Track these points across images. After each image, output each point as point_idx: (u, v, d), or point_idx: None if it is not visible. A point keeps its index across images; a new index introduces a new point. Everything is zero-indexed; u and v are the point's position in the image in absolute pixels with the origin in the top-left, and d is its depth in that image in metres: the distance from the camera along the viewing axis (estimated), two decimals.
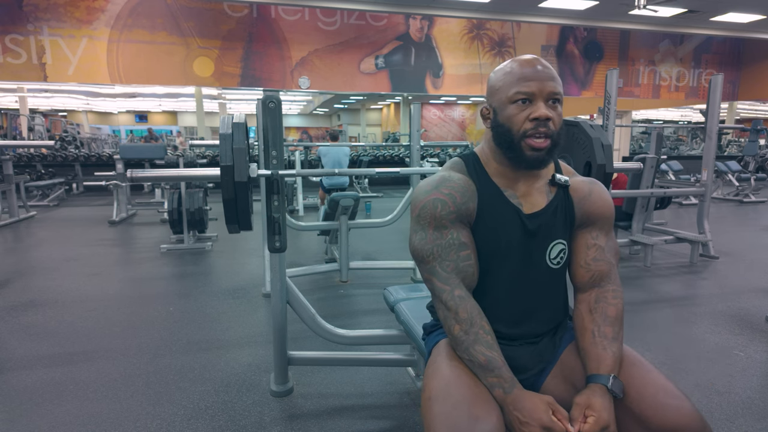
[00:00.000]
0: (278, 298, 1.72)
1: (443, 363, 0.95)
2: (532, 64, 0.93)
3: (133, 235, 5.01)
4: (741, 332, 2.40)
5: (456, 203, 0.95)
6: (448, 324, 0.94)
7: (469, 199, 0.96)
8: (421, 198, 0.96)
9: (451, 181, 0.97)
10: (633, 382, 0.89)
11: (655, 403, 0.86)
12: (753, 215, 6.31)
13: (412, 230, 0.99)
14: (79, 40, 7.12)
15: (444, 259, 0.95)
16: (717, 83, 3.79)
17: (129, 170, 1.64)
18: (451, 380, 0.90)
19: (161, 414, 1.68)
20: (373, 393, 1.83)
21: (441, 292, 0.94)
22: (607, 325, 0.95)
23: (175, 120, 22.40)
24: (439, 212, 0.94)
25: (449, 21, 8.57)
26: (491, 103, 0.97)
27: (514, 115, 0.92)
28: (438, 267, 0.95)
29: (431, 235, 0.95)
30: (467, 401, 0.85)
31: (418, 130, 3.18)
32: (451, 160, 1.05)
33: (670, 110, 17.47)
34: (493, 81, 0.97)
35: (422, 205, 0.96)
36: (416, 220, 0.98)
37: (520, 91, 0.91)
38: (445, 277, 0.94)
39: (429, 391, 0.91)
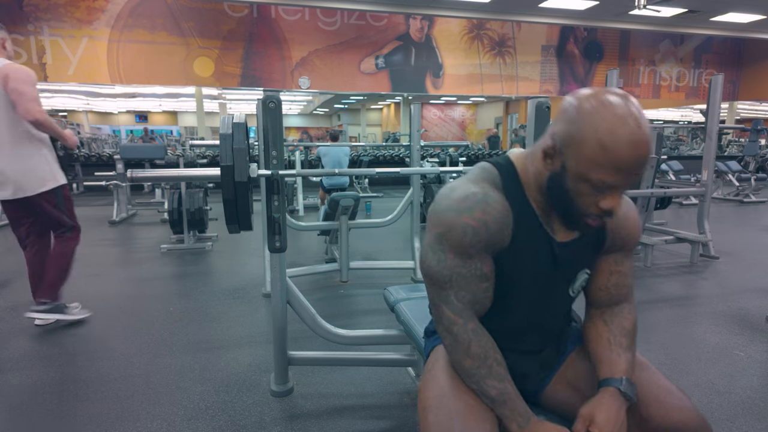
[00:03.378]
0: (278, 298, 1.72)
1: (440, 372, 0.93)
2: (636, 147, 0.71)
3: (133, 235, 5.01)
4: (741, 332, 2.40)
5: (488, 232, 0.82)
6: (456, 356, 0.87)
7: (504, 229, 0.84)
8: (449, 217, 0.82)
9: (488, 205, 0.82)
10: (638, 382, 0.89)
11: (657, 403, 0.87)
12: (753, 215, 6.31)
13: (429, 246, 0.87)
14: (79, 40, 7.12)
15: (461, 289, 0.85)
16: (717, 83, 3.79)
17: (129, 170, 1.64)
18: (446, 390, 0.88)
19: (161, 414, 1.68)
20: (373, 393, 1.83)
21: (452, 324, 0.86)
22: (623, 336, 0.94)
23: (175, 120, 22.42)
24: (468, 240, 0.82)
25: (449, 21, 8.57)
26: (563, 152, 0.76)
27: (584, 196, 0.77)
28: (453, 296, 0.86)
29: (452, 260, 0.84)
30: (461, 413, 0.84)
31: (418, 130, 3.18)
32: (483, 168, 0.89)
33: (670, 110, 17.47)
34: (578, 135, 0.74)
35: (449, 226, 0.82)
36: (438, 239, 0.85)
37: (607, 181, 0.74)
38: (459, 308, 0.86)
39: (425, 400, 0.90)
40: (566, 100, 0.78)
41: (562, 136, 0.76)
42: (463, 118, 19.07)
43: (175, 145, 11.83)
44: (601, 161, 0.72)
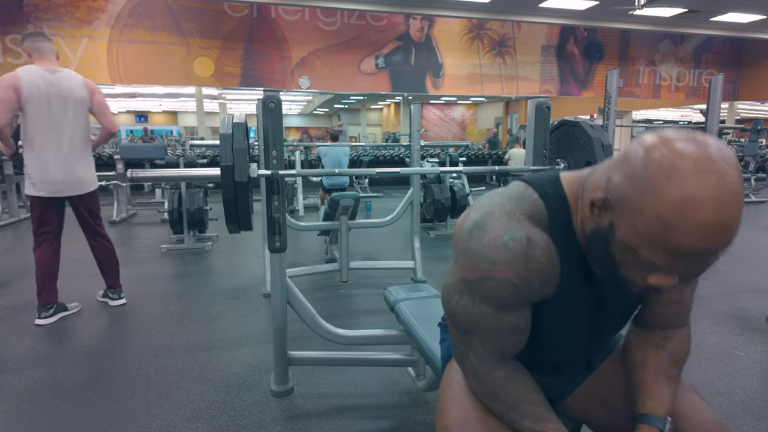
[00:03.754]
0: (278, 298, 1.72)
1: (462, 392, 0.83)
2: (711, 235, 0.54)
3: (133, 235, 5.01)
4: (741, 332, 2.40)
5: (530, 288, 0.70)
6: (483, 399, 0.78)
7: (550, 281, 0.71)
8: (484, 267, 0.68)
9: (532, 259, 0.67)
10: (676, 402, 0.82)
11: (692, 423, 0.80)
12: (753, 215, 6.31)
13: (454, 287, 0.74)
14: (79, 40, 7.12)
15: (488, 339, 0.74)
16: (717, 83, 3.79)
17: (129, 170, 1.64)
18: (471, 416, 0.79)
19: (161, 414, 1.68)
20: (373, 393, 1.83)
21: (476, 371, 0.77)
22: (674, 366, 0.82)
23: (175, 120, 22.41)
24: (505, 297, 0.69)
25: (449, 21, 8.57)
26: (615, 210, 0.61)
27: (629, 266, 0.63)
28: (478, 344, 0.75)
29: (483, 310, 0.72)
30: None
31: (418, 130, 3.17)
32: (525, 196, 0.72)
33: (670, 110, 17.46)
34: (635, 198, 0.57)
35: (483, 277, 0.69)
36: (467, 285, 0.72)
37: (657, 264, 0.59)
38: (484, 356, 0.75)
39: (446, 419, 0.81)
40: (634, 146, 0.60)
41: (616, 191, 0.60)
42: (463, 118, 19.07)
43: (175, 145, 11.82)
44: (656, 241, 0.56)
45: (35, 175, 2.34)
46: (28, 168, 2.34)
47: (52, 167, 2.36)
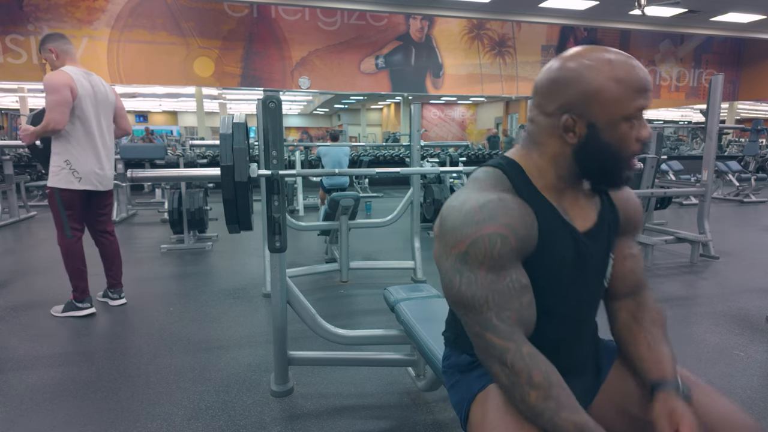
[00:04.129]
0: (278, 298, 1.72)
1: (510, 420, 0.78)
2: (639, 67, 0.74)
3: (133, 235, 5.01)
4: (741, 332, 2.40)
5: (518, 237, 0.74)
6: (517, 392, 0.74)
7: (531, 231, 0.76)
8: (469, 231, 0.73)
9: (509, 208, 0.75)
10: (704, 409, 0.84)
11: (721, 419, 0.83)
12: (753, 215, 6.31)
13: (451, 270, 0.76)
14: (79, 40, 7.12)
15: (502, 309, 0.74)
16: (717, 83, 3.79)
17: (129, 170, 1.64)
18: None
19: (161, 414, 1.68)
20: (373, 393, 1.83)
21: (504, 352, 0.74)
22: (658, 329, 0.90)
23: (175, 120, 22.42)
24: (498, 251, 0.73)
25: (449, 21, 8.57)
26: (586, 115, 0.74)
27: (625, 137, 0.74)
28: (495, 319, 0.74)
29: (484, 278, 0.74)
30: None
31: (418, 130, 3.17)
32: (486, 172, 0.82)
33: (670, 110, 17.47)
34: (597, 84, 0.73)
35: (472, 240, 0.73)
36: (461, 259, 0.74)
37: (640, 105, 0.73)
38: (507, 331, 0.74)
39: None
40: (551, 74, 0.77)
41: (575, 101, 0.74)
42: (463, 118, 19.07)
43: (175, 145, 11.83)
44: (625, 93, 0.72)
45: (83, 169, 2.45)
46: (73, 163, 2.42)
47: (104, 162, 2.54)
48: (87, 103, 2.44)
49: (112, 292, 2.78)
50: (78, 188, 2.45)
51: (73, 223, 2.51)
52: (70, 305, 2.58)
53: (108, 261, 2.75)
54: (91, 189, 2.51)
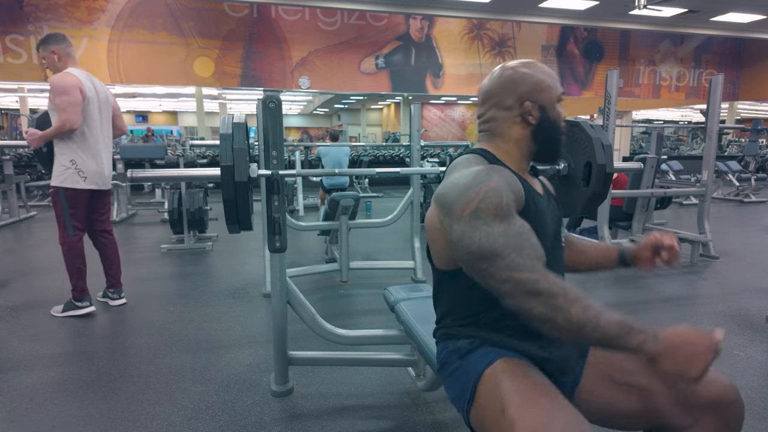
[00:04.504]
0: (278, 298, 1.72)
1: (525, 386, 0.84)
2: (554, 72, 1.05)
3: (133, 235, 5.01)
4: (741, 332, 2.40)
5: (513, 190, 0.87)
6: (559, 315, 0.78)
7: (519, 189, 0.90)
8: (473, 192, 0.84)
9: (500, 171, 0.89)
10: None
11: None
12: (753, 215, 6.31)
13: (467, 228, 0.83)
14: (79, 40, 7.11)
15: (522, 248, 0.82)
16: (717, 83, 3.79)
17: (129, 170, 1.64)
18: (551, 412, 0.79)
19: (161, 414, 1.68)
20: (373, 393, 1.83)
21: (535, 283, 0.79)
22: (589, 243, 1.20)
23: (175, 120, 22.42)
24: (504, 200, 0.84)
25: (449, 21, 8.56)
26: (538, 101, 0.96)
27: (559, 115, 1.00)
28: (518, 258, 0.81)
29: (498, 227, 0.82)
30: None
31: (418, 130, 3.17)
32: (466, 157, 0.98)
33: (670, 110, 17.46)
34: (538, 78, 0.96)
35: (481, 197, 0.83)
36: (474, 216, 0.83)
37: (561, 91, 1.01)
38: (531, 266, 0.81)
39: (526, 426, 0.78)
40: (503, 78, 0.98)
41: (528, 94, 0.97)
42: (463, 118, 19.05)
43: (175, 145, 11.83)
44: (553, 83, 0.99)
45: (88, 169, 2.48)
46: (79, 163, 2.46)
47: (105, 163, 2.58)
48: (93, 104, 2.49)
49: (112, 292, 2.78)
50: (83, 187, 2.49)
51: (76, 222, 2.53)
52: (70, 305, 2.58)
53: (107, 261, 2.75)
54: (95, 188, 2.54)
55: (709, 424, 0.88)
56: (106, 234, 2.74)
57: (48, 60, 2.47)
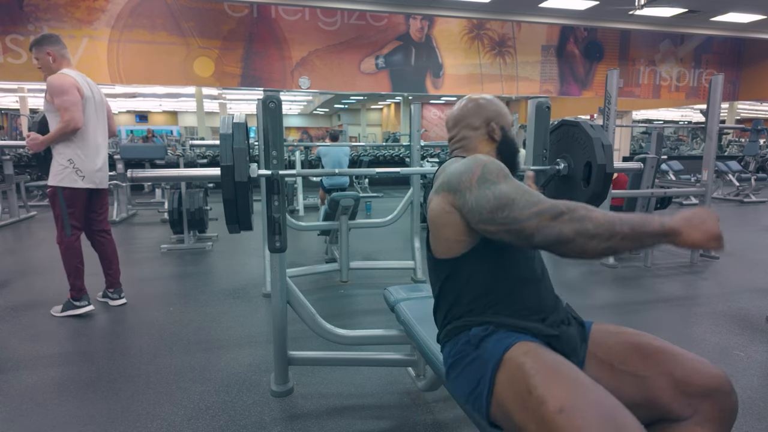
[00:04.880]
0: (278, 298, 1.72)
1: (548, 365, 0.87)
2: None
3: (133, 235, 5.01)
4: (741, 332, 2.40)
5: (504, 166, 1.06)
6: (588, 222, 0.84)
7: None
8: (474, 166, 1.00)
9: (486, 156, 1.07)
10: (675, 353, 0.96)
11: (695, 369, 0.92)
12: (753, 215, 6.31)
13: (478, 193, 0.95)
14: (79, 40, 7.11)
15: (530, 192, 0.92)
16: (717, 83, 3.79)
17: (129, 170, 1.64)
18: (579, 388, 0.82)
19: (162, 414, 1.68)
20: (373, 393, 1.83)
21: (554, 208, 0.87)
22: None
23: (175, 120, 22.41)
24: (502, 166, 1.00)
25: (449, 21, 8.56)
26: (500, 123, 1.20)
27: (514, 136, 1.23)
28: (531, 197, 0.90)
29: (505, 182, 0.96)
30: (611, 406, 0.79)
31: (418, 130, 3.17)
32: (451, 159, 1.18)
33: (670, 110, 17.45)
34: (498, 107, 1.20)
35: (482, 166, 0.99)
36: (482, 180, 0.96)
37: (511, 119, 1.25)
38: (542, 198, 0.90)
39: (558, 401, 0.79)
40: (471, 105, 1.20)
41: (492, 118, 1.19)
42: None
43: (175, 145, 11.83)
44: (507, 112, 1.23)
45: (86, 168, 2.48)
46: (77, 162, 2.46)
47: (103, 161, 2.58)
48: (90, 104, 2.50)
49: (112, 292, 2.78)
50: (81, 186, 2.49)
51: (74, 221, 2.53)
52: (69, 304, 2.59)
53: (106, 260, 2.75)
54: (93, 187, 2.54)
55: (707, 413, 0.90)
56: (105, 234, 2.74)
57: (42, 61, 2.47)
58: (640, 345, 0.98)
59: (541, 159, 1.79)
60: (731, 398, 0.92)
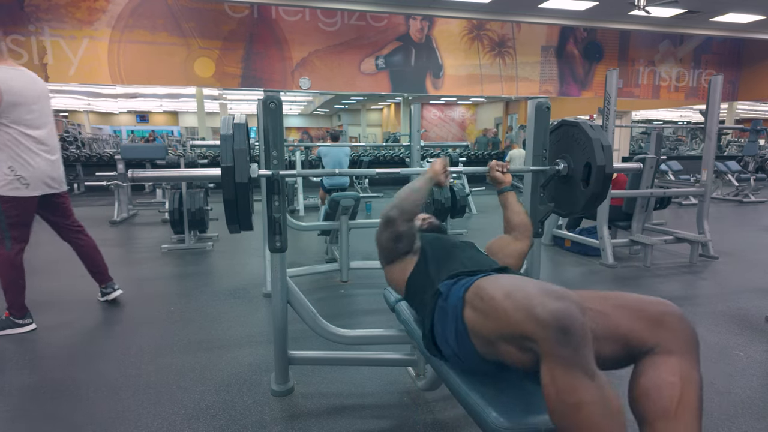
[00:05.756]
0: (279, 298, 1.73)
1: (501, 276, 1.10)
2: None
3: (134, 235, 5.02)
4: (741, 332, 2.41)
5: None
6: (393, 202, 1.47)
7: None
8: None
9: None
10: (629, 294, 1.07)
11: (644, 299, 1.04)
12: (753, 215, 6.31)
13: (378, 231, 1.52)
14: (80, 40, 7.13)
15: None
16: (717, 83, 3.79)
17: (130, 170, 1.64)
18: (525, 279, 1.05)
19: (162, 413, 1.68)
20: (373, 392, 1.83)
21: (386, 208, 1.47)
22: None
23: (176, 120, 22.41)
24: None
25: (449, 22, 8.57)
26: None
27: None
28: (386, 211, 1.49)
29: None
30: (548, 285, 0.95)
31: (418, 131, 3.18)
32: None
33: (669, 110, 17.46)
34: None
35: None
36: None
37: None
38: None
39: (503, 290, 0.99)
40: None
41: None
42: (463, 118, 19.06)
43: (176, 145, 11.85)
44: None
45: (31, 174, 2.28)
46: (18, 169, 2.24)
47: (50, 163, 2.37)
48: (28, 104, 2.26)
49: (105, 287, 2.73)
50: (26, 195, 2.28)
51: (15, 233, 2.29)
52: (8, 322, 2.36)
53: (88, 259, 2.63)
54: (42, 193, 2.35)
55: (669, 340, 0.98)
56: (80, 234, 2.59)
57: None
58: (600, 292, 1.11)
59: (541, 159, 1.79)
60: (684, 323, 1.00)
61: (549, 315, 0.84)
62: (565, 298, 0.87)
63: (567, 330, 0.83)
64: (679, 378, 0.94)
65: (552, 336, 0.84)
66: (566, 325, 0.83)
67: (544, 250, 4.21)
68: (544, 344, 0.85)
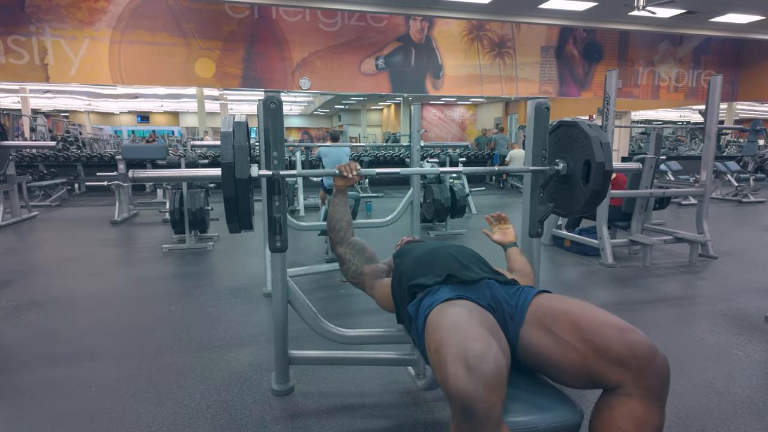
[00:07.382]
0: (279, 298, 1.73)
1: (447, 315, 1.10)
2: None
3: (134, 235, 5.02)
4: (740, 332, 2.41)
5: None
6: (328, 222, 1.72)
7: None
8: None
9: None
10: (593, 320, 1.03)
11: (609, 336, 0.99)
12: (752, 215, 6.32)
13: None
14: (81, 41, 7.14)
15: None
16: (716, 84, 3.80)
17: (131, 170, 1.65)
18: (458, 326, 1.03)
19: (163, 413, 1.69)
20: (373, 392, 1.84)
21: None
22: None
23: (176, 121, 22.42)
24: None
25: (449, 22, 8.58)
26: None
27: None
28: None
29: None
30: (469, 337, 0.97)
31: (418, 131, 3.19)
32: None
33: (669, 111, 17.46)
34: None
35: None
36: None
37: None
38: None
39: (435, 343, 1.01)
40: None
41: None
42: (463, 118, 19.07)
43: (177, 145, 11.87)
44: None
45: None
46: None
47: None
48: None
49: None
50: None
51: None
52: None
53: None
54: None
55: (630, 384, 0.95)
56: None
57: None
58: (570, 312, 1.06)
59: (541, 159, 1.80)
60: (651, 366, 0.95)
61: (456, 393, 0.86)
62: (477, 371, 0.86)
63: (470, 413, 0.85)
64: (635, 426, 0.94)
65: (457, 411, 0.88)
66: (469, 408, 0.85)
67: (543, 250, 4.21)
68: (452, 411, 0.90)
